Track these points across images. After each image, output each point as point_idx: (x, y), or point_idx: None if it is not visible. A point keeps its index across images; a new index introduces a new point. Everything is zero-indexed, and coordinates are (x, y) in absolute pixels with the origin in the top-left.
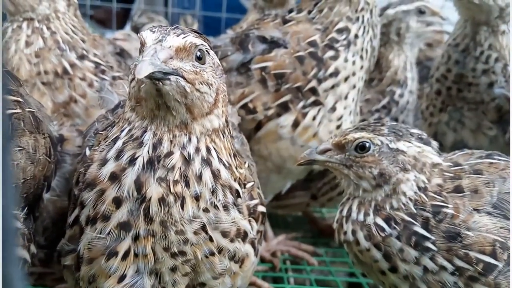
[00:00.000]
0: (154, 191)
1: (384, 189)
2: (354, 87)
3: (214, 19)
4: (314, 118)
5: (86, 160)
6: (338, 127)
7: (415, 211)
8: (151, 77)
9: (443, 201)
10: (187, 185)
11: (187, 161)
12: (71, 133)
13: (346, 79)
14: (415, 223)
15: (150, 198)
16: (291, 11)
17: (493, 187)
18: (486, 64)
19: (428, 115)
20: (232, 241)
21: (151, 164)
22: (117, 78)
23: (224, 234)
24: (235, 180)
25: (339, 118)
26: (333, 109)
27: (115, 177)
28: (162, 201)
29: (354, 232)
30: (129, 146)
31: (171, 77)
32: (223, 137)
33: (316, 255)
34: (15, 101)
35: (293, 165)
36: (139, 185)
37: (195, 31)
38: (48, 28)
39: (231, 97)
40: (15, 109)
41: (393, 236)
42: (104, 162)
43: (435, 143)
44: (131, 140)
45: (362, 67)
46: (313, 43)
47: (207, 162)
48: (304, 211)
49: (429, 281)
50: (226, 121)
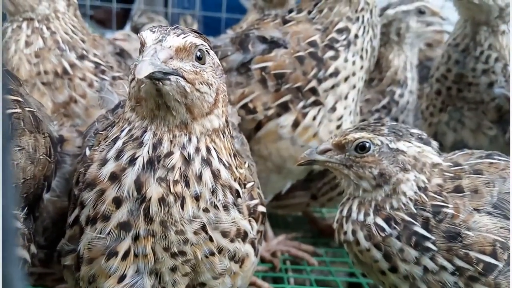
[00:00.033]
0: (154, 191)
1: (384, 189)
2: (354, 87)
3: (214, 19)
4: (314, 118)
5: (86, 160)
6: (338, 127)
7: (415, 211)
8: (151, 77)
9: (443, 201)
10: (187, 185)
11: (187, 161)
12: (71, 133)
13: (346, 79)
14: (415, 223)
15: (150, 198)
16: (291, 11)
17: (493, 187)
18: (486, 64)
19: (428, 115)
20: (232, 241)
21: (151, 164)
22: (117, 78)
23: (224, 234)
24: (235, 180)
25: (339, 118)
26: (333, 109)
27: (115, 177)
28: (162, 201)
29: (354, 232)
30: (129, 146)
31: (171, 77)
32: (223, 137)
33: (316, 255)
34: (15, 100)
35: (293, 165)
36: (139, 185)
37: (195, 31)
38: (48, 28)
39: (231, 97)
40: (15, 108)
41: (393, 236)
42: (104, 162)
43: (435, 143)
44: (131, 140)
45: (362, 67)
46: (313, 43)
47: (207, 162)
48: (304, 211)
49: (429, 281)
50: (226, 121)
